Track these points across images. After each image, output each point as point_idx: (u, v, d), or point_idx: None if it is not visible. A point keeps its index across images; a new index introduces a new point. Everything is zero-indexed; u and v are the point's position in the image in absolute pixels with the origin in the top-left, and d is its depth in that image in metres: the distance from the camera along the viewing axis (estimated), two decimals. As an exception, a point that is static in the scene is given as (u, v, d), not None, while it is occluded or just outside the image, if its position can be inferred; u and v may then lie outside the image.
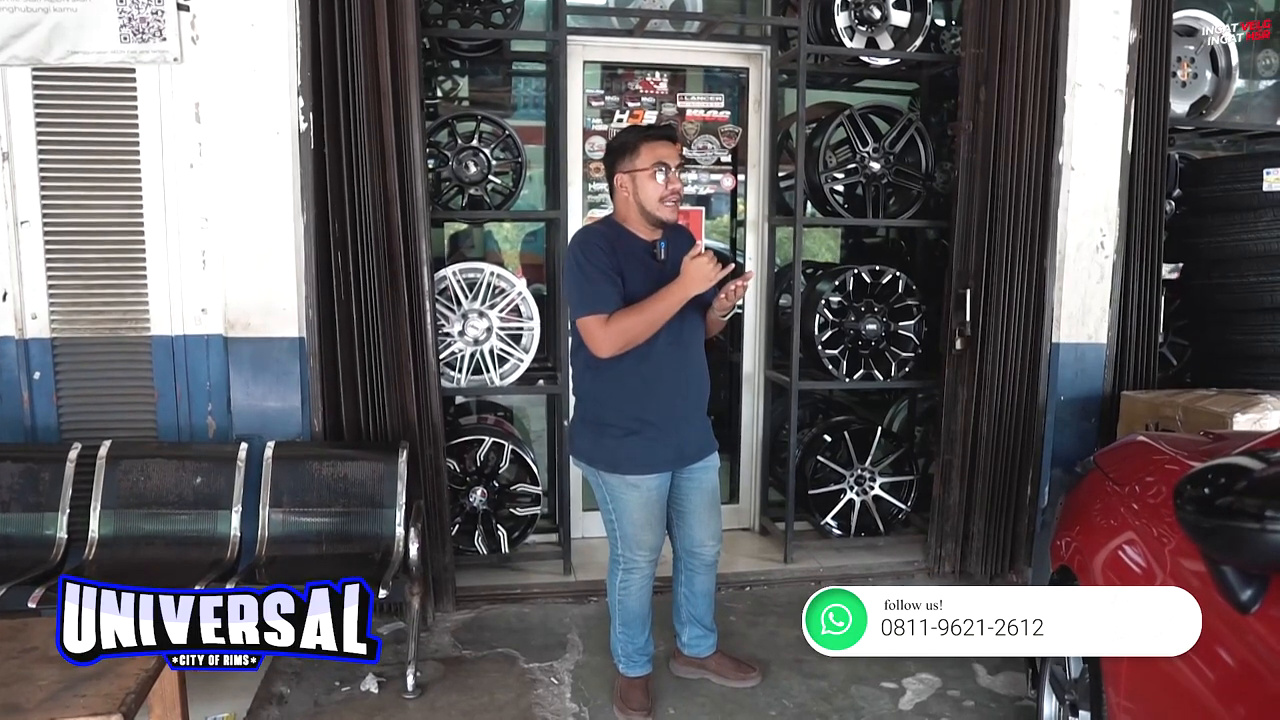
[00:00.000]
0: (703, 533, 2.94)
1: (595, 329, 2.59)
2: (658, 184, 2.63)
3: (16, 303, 3.29)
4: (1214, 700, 1.50)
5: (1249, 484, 1.41)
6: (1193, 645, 1.52)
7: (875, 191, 4.08)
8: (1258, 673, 1.39)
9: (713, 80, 4.47)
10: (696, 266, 2.54)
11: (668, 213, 2.66)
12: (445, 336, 3.63)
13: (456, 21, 3.78)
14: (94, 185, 3.30)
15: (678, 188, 2.66)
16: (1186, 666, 1.60)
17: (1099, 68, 3.74)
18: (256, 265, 3.33)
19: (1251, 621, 1.43)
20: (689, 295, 2.57)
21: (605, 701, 2.98)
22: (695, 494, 2.89)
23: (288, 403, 3.40)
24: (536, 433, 4.80)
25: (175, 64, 3.24)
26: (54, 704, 1.82)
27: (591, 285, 2.60)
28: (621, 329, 2.57)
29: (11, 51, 3.14)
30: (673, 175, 2.64)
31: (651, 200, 2.65)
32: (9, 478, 3.11)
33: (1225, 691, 1.48)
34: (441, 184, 3.80)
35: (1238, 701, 1.45)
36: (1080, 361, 3.88)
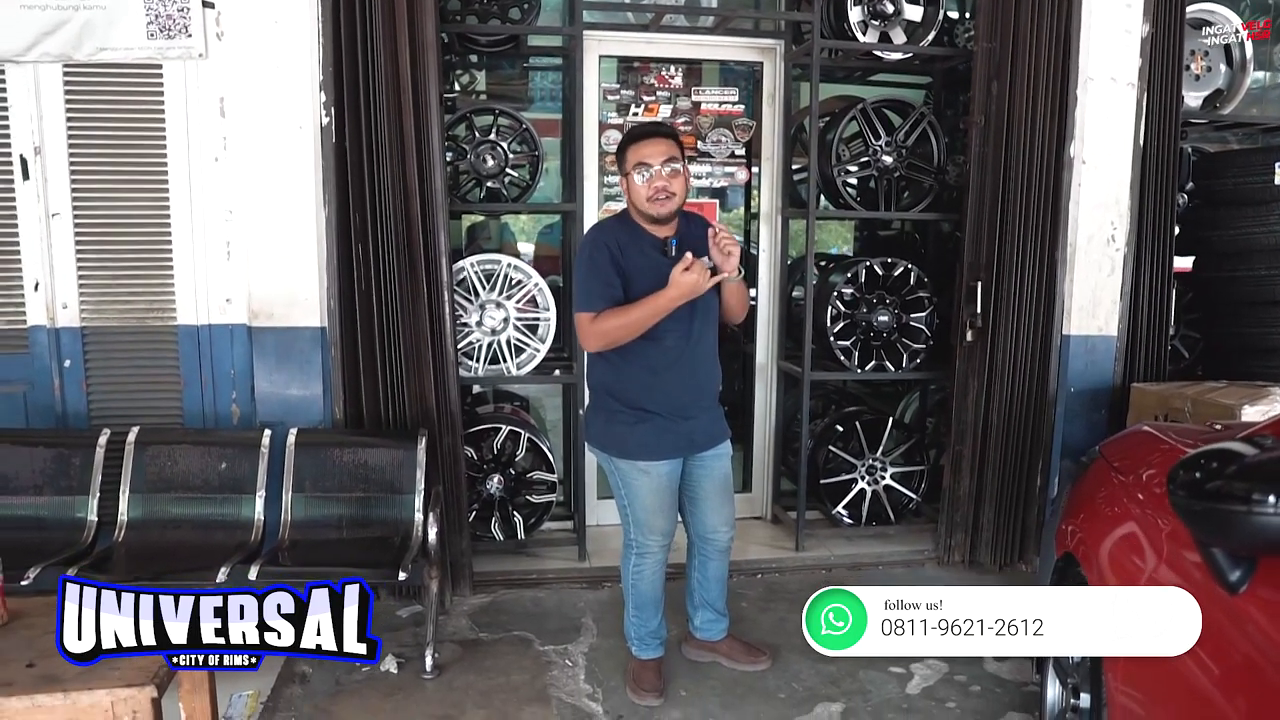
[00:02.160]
0: (715, 519, 3.00)
1: (583, 326, 2.69)
2: (640, 185, 2.68)
3: (48, 293, 3.38)
4: (1205, 681, 1.55)
5: (1239, 468, 1.45)
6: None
7: (888, 184, 4.12)
8: (1246, 652, 1.44)
9: (727, 74, 4.51)
10: (684, 279, 2.55)
11: (658, 209, 2.68)
12: (463, 326, 3.70)
13: (474, 17, 3.83)
14: (122, 178, 3.39)
15: (661, 184, 2.65)
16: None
17: (1111, 61, 3.76)
18: (279, 256, 3.41)
19: (1240, 602, 1.48)
20: (674, 304, 2.60)
21: (618, 683, 3.04)
22: (707, 481, 2.95)
23: (310, 391, 3.48)
24: (553, 422, 4.87)
25: (200, 60, 3.31)
26: (90, 675, 1.89)
27: (587, 283, 2.69)
28: (604, 329, 2.65)
29: (43, 49, 3.23)
30: (656, 172, 2.65)
31: (640, 200, 2.70)
32: (42, 462, 3.21)
33: (1215, 671, 1.52)
34: (460, 177, 3.87)
35: (1227, 681, 1.49)
36: (1091, 353, 3.91)
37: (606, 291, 2.66)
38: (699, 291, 2.59)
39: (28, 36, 3.21)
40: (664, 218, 2.72)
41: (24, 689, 1.86)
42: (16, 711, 1.85)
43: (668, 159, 2.67)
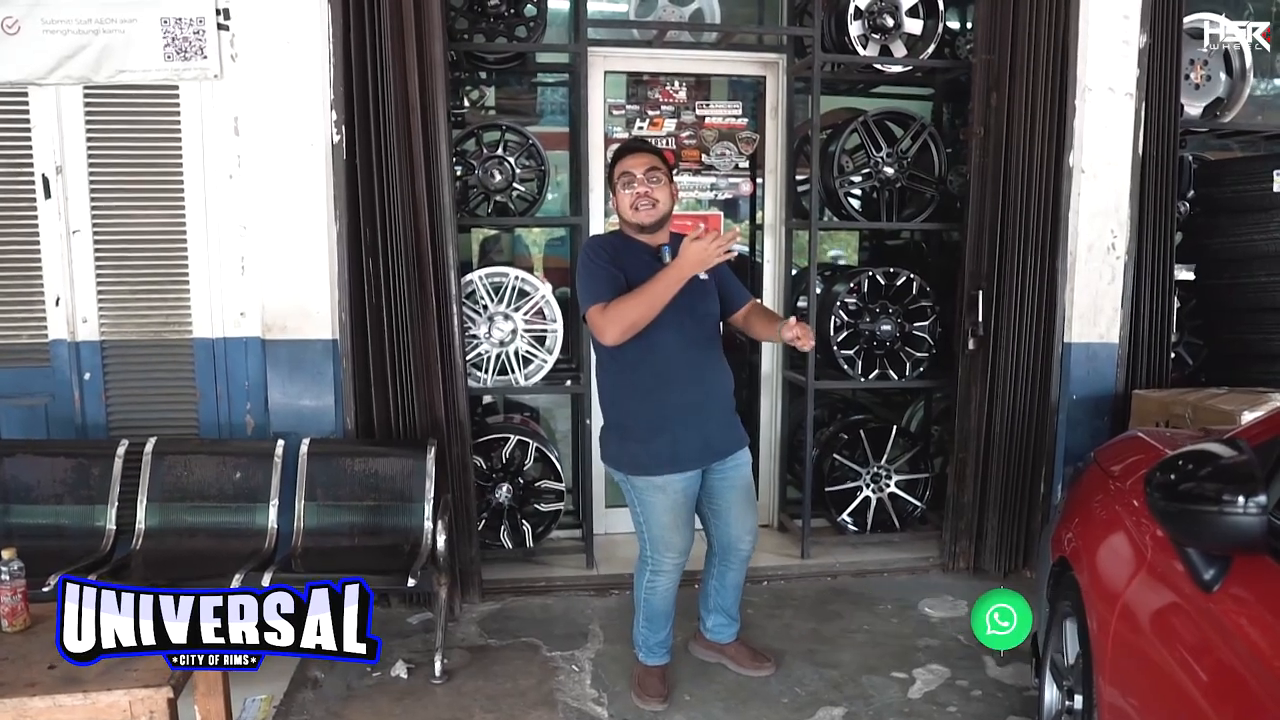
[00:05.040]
0: (739, 529, 3.03)
1: (596, 317, 2.67)
2: (624, 194, 2.78)
3: (69, 307, 3.48)
4: (1185, 678, 1.58)
5: (1212, 470, 1.50)
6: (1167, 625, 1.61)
7: (890, 195, 4.17)
8: (1218, 648, 1.47)
9: (731, 88, 4.58)
10: (697, 248, 2.55)
11: (643, 216, 2.77)
12: (472, 338, 3.77)
13: (482, 35, 3.91)
14: (140, 196, 3.49)
15: (644, 190, 2.75)
16: (1162, 645, 1.69)
17: (1109, 72, 3.80)
18: (292, 271, 3.50)
19: (1214, 599, 1.52)
20: (685, 276, 2.59)
21: (624, 688, 3.09)
22: (729, 491, 2.97)
23: (322, 401, 3.56)
24: (562, 432, 4.93)
25: (216, 80, 3.41)
26: (109, 676, 1.96)
27: (593, 281, 2.71)
28: (619, 311, 2.62)
29: (65, 71, 3.33)
30: (640, 180, 2.75)
31: (625, 209, 2.80)
32: (62, 472, 3.30)
33: (1195, 668, 1.56)
34: (469, 191, 3.94)
35: (1206, 678, 1.53)
36: (1092, 361, 3.94)
37: (612, 282, 2.68)
38: (708, 262, 2.57)
39: (50, 60, 3.31)
40: (649, 225, 2.78)
41: (46, 689, 1.94)
42: (39, 711, 1.93)
43: (649, 168, 2.77)
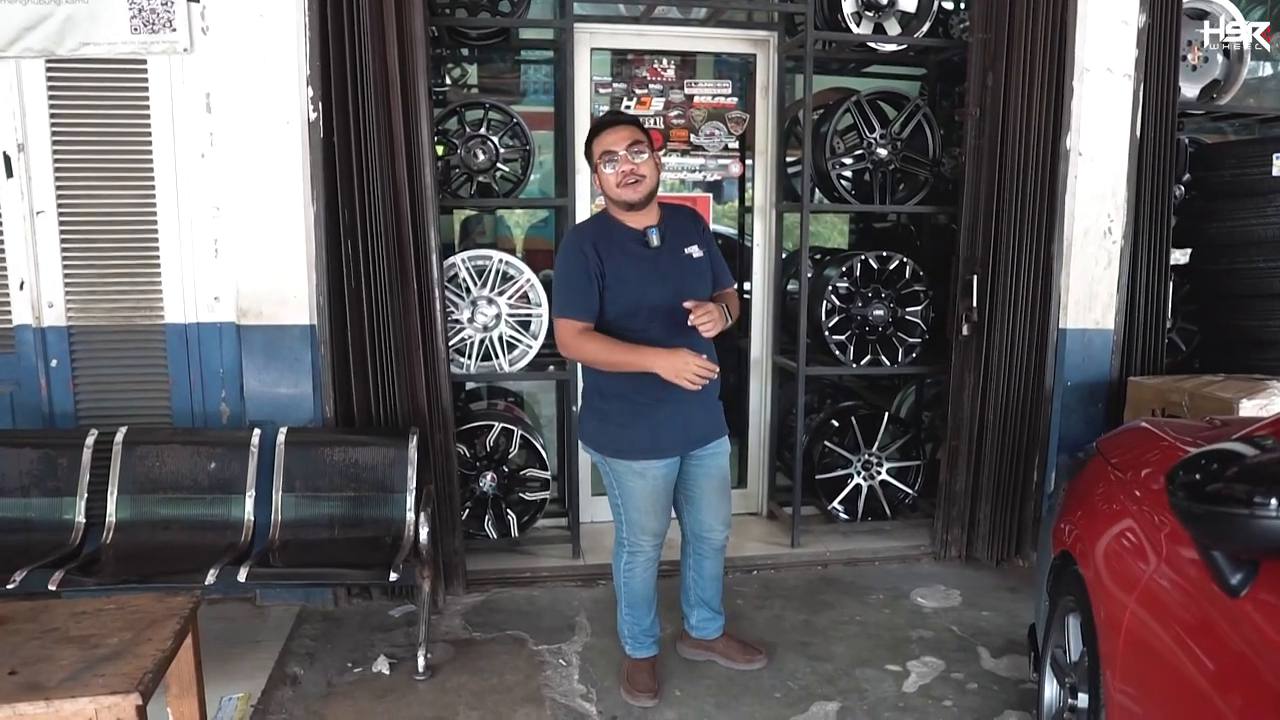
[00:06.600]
0: (711, 518, 2.97)
1: (565, 334, 2.70)
2: (608, 173, 2.67)
3: (33, 291, 3.34)
4: (1205, 683, 1.52)
5: (1240, 470, 1.42)
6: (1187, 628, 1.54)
7: (883, 177, 4.08)
8: (1246, 656, 1.41)
9: (720, 66, 4.47)
10: (675, 366, 2.54)
11: (629, 194, 2.67)
12: (455, 323, 3.67)
13: (464, 10, 3.79)
14: (107, 175, 3.35)
15: (628, 168, 2.65)
16: (1180, 650, 1.62)
17: (1107, 52, 3.73)
18: (268, 254, 3.37)
19: (1241, 605, 1.45)
20: (649, 369, 2.58)
21: (612, 683, 3.02)
22: (704, 479, 2.92)
23: (299, 389, 3.45)
24: (547, 418, 4.84)
25: (185, 54, 3.27)
26: (74, 683, 1.86)
27: (568, 290, 2.69)
28: (584, 351, 2.69)
29: (25, 44, 3.18)
30: (623, 158, 2.65)
31: (610, 188, 2.70)
32: (28, 463, 3.17)
33: (1215, 674, 1.50)
34: (451, 172, 3.83)
35: (1227, 684, 1.47)
36: (1087, 347, 3.89)
37: (584, 302, 2.67)
38: (676, 379, 2.55)
39: (8, 31, 3.16)
40: (637, 203, 2.70)
41: (5, 697, 1.82)
42: (-4, 721, 1.82)
43: (632, 143, 2.66)
